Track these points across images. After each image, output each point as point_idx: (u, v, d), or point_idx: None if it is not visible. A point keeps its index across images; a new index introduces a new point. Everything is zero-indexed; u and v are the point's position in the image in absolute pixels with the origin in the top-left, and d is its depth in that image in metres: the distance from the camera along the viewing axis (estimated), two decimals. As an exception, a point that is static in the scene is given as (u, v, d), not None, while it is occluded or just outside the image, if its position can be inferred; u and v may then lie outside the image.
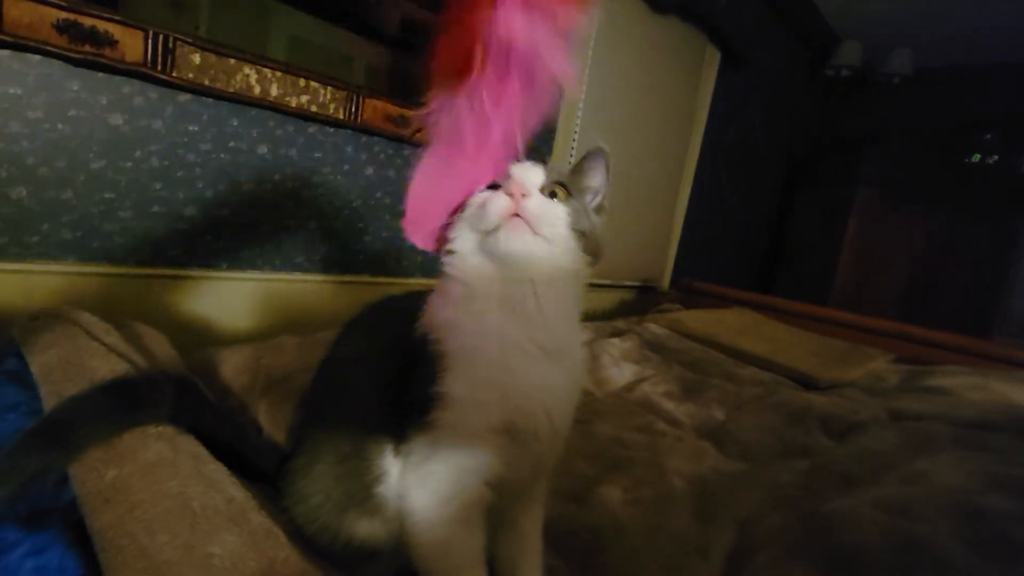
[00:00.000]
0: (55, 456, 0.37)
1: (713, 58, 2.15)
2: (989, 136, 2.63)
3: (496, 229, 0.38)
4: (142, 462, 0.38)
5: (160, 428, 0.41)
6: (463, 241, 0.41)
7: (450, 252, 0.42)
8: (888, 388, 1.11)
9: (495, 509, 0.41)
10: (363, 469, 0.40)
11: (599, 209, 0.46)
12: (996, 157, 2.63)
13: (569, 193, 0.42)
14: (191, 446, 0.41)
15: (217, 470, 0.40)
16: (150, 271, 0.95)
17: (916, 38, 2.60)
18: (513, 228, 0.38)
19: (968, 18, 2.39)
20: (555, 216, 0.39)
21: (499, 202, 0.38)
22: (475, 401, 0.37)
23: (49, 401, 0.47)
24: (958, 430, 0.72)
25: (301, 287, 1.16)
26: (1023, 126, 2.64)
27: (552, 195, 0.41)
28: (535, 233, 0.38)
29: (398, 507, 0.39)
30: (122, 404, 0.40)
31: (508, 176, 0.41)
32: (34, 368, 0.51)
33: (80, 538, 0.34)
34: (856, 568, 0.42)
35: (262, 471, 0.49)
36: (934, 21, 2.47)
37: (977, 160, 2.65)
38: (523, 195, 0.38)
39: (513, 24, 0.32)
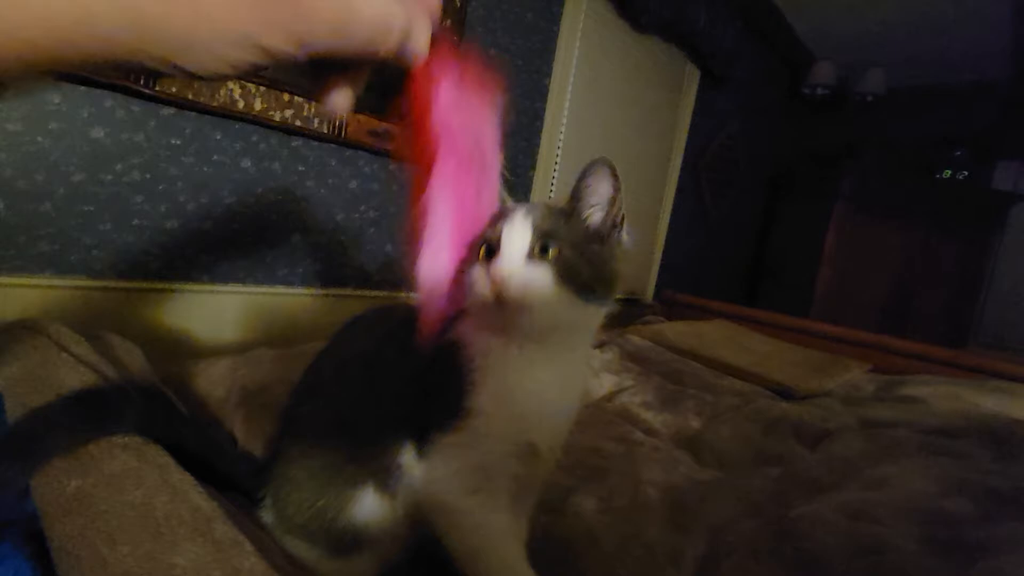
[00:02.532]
0: (17, 467, 0.37)
1: (693, 76, 2.21)
2: (959, 153, 2.73)
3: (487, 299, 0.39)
4: (106, 472, 0.38)
5: (126, 438, 0.41)
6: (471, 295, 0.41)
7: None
8: (863, 397, 1.13)
9: None
10: (380, 454, 0.43)
11: (613, 224, 0.43)
12: (966, 173, 2.73)
13: (559, 245, 0.40)
14: (158, 456, 0.41)
15: (184, 480, 0.40)
16: (130, 284, 0.94)
17: (888, 58, 2.71)
18: (499, 306, 0.38)
19: (937, 40, 2.50)
20: (537, 285, 0.39)
21: (481, 282, 0.39)
22: (503, 417, 0.41)
23: (15, 413, 0.46)
24: (924, 437, 0.74)
25: (284, 300, 1.16)
26: (991, 143, 2.75)
27: (544, 249, 0.39)
28: (521, 304, 0.38)
29: (418, 498, 0.42)
30: (88, 414, 0.40)
31: (497, 233, 0.40)
32: (0, 380, 0.51)
33: (40, 551, 0.34)
34: (819, 570, 0.43)
35: (235, 482, 0.49)
36: (905, 42, 2.58)
37: (948, 176, 2.74)
38: (501, 282, 0.38)
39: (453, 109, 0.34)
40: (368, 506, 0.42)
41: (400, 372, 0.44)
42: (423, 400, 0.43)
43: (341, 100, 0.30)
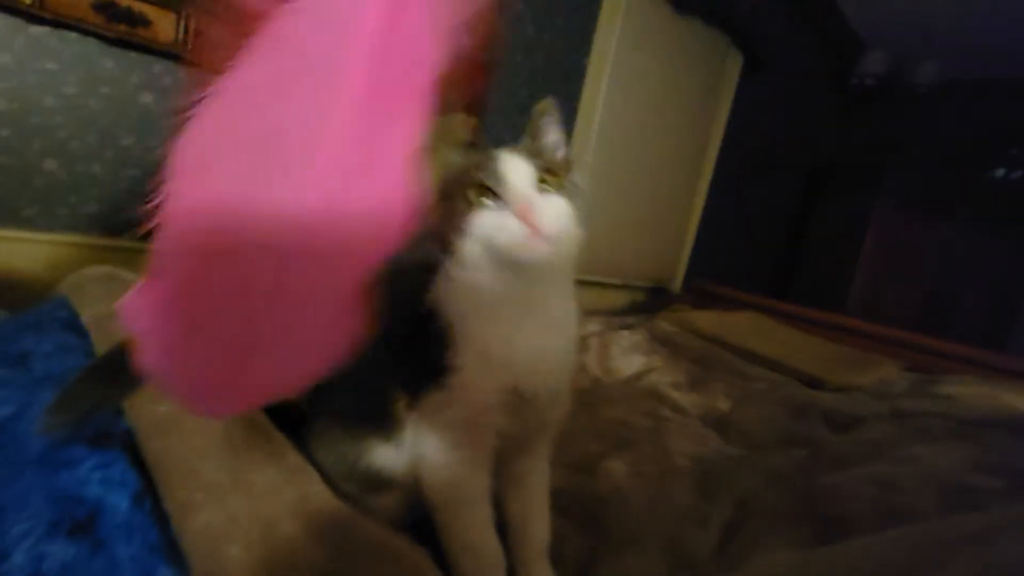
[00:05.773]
0: (111, 391, 0.41)
1: (735, 62, 2.15)
2: (1015, 151, 2.60)
3: (514, 249, 0.38)
4: (189, 401, 0.41)
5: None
6: (473, 256, 0.39)
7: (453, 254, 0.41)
8: (895, 393, 1.11)
9: (504, 465, 0.45)
10: (381, 406, 0.44)
11: (568, 163, 0.45)
12: (1021, 172, 2.59)
13: (556, 174, 0.41)
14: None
15: (259, 415, 0.43)
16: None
17: (943, 49, 2.57)
18: (533, 249, 0.38)
19: (995, 31, 2.36)
20: (565, 217, 0.40)
21: (514, 229, 0.37)
22: (483, 369, 0.40)
23: (100, 347, 0.51)
24: (955, 426, 0.74)
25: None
26: (1050, 141, 2.60)
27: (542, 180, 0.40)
28: (552, 244, 0.38)
29: (411, 449, 0.44)
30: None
31: (494, 174, 0.39)
32: (84, 318, 0.56)
33: (137, 460, 0.38)
34: (844, 530, 0.44)
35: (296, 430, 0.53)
36: (961, 32, 2.44)
37: (1002, 175, 2.62)
38: (536, 217, 0.37)
39: None
40: (379, 454, 0.44)
41: (394, 333, 0.44)
42: (410, 357, 0.43)
43: None
